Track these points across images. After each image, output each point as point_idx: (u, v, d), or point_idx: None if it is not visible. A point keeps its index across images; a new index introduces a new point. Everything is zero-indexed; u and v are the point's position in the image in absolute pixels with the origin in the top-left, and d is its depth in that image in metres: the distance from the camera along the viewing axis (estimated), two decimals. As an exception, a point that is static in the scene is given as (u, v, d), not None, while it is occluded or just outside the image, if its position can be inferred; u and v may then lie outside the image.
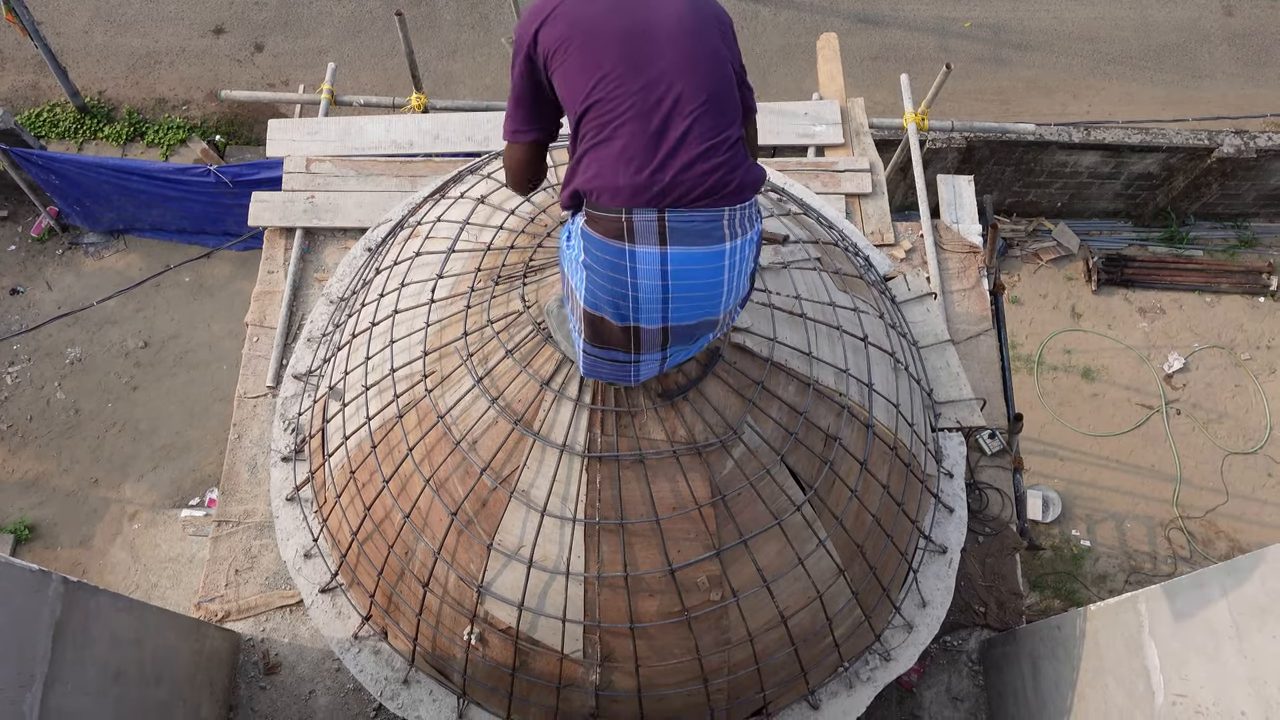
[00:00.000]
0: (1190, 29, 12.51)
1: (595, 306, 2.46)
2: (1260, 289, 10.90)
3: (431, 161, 6.12)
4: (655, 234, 2.29)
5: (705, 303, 2.46)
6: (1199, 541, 9.53)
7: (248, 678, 4.87)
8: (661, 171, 2.25)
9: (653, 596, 3.29)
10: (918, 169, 6.48)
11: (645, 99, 2.27)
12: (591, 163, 2.31)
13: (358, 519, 3.70)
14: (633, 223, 2.28)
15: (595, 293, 2.42)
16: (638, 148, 2.26)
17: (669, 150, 2.26)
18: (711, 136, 2.29)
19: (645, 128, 2.26)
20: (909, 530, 3.89)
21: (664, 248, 2.30)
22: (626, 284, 2.36)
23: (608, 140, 2.28)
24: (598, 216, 2.32)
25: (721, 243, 2.35)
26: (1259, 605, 3.02)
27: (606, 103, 2.28)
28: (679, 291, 2.39)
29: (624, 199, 2.27)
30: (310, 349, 4.47)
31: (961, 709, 4.95)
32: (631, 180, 2.26)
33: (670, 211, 2.27)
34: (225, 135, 11.34)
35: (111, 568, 8.93)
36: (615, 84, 2.27)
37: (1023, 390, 10.14)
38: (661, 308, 2.41)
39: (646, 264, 2.32)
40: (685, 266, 2.34)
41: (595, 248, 2.35)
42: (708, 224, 2.31)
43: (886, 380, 3.79)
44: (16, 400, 9.77)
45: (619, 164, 2.26)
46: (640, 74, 2.28)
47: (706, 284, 2.40)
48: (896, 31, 12.30)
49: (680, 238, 2.30)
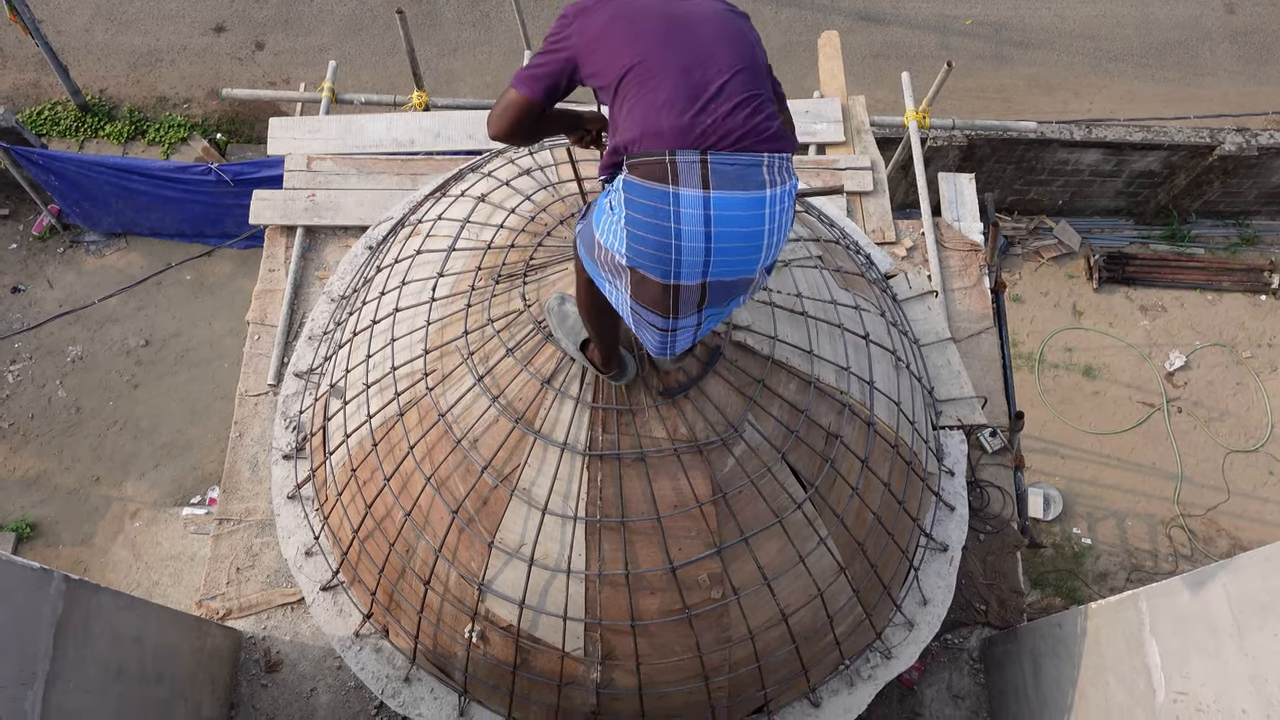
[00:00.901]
0: (1192, 26, 12.49)
1: (637, 263, 2.46)
2: (1262, 287, 10.88)
3: (432, 159, 6.12)
4: (698, 176, 2.33)
5: (745, 254, 2.46)
6: (1200, 539, 9.53)
7: (249, 675, 4.87)
8: (703, 115, 2.33)
9: (654, 594, 3.29)
10: (919, 167, 6.47)
11: (685, 55, 2.39)
12: (633, 113, 2.38)
13: (359, 517, 3.71)
14: (676, 164, 2.32)
15: (637, 248, 2.43)
16: (680, 95, 2.34)
17: (709, 97, 2.34)
18: (750, 88, 2.40)
19: (685, 80, 2.36)
20: (910, 528, 3.89)
21: (707, 191, 2.33)
22: (670, 231, 2.37)
23: (650, 95, 2.36)
24: (640, 162, 2.36)
25: (762, 189, 2.38)
26: (1260, 603, 3.01)
27: (647, 63, 2.38)
28: (721, 240, 2.40)
29: (667, 141, 2.32)
30: (311, 347, 4.48)
31: (963, 707, 4.95)
32: (674, 123, 2.32)
33: (712, 154, 2.32)
34: (226, 133, 11.34)
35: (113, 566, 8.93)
36: (656, 47, 2.40)
37: (1024, 388, 10.14)
38: (703, 258, 2.41)
39: (690, 207, 2.34)
40: (727, 212, 2.37)
41: (639, 195, 2.38)
42: (748, 168, 2.36)
43: (888, 378, 3.79)
44: (18, 398, 9.77)
45: (661, 110, 2.34)
46: (679, 45, 2.41)
47: (747, 233, 2.42)
48: (898, 29, 12.28)
49: (722, 181, 2.34)
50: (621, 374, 3.11)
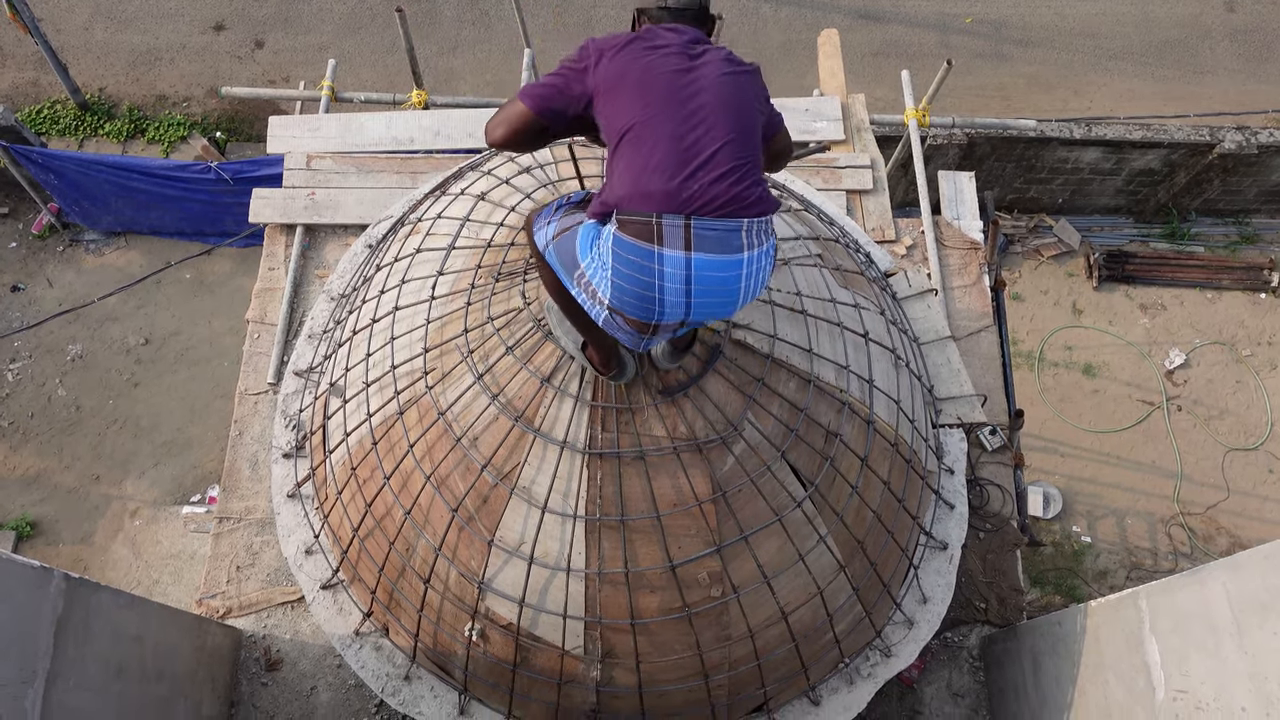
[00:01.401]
0: (1192, 24, 12.49)
1: (620, 305, 2.64)
2: (1261, 285, 10.88)
3: (432, 158, 6.12)
4: (681, 239, 2.49)
5: (723, 304, 2.65)
6: (1200, 538, 9.53)
7: (249, 674, 4.88)
8: (690, 181, 2.48)
9: (653, 593, 3.30)
10: (919, 165, 6.47)
11: (681, 124, 2.53)
12: (626, 171, 2.53)
13: (359, 515, 3.71)
14: (662, 226, 2.48)
15: (622, 296, 2.61)
16: (670, 161, 2.49)
17: (698, 165, 2.49)
18: (738, 158, 2.54)
19: (678, 146, 2.50)
20: (910, 526, 3.89)
21: (689, 253, 2.50)
22: (654, 285, 2.54)
23: (644, 154, 2.52)
24: (629, 221, 2.51)
25: (740, 252, 2.55)
26: (1260, 602, 3.02)
27: (646, 125, 2.53)
28: (700, 295, 2.57)
29: (655, 203, 2.48)
30: (311, 345, 4.48)
31: (962, 705, 4.96)
32: (663, 187, 2.48)
33: (696, 219, 2.48)
34: (226, 132, 11.33)
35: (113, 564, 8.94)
36: (658, 112, 2.54)
37: (1024, 386, 10.14)
38: (684, 305, 2.59)
39: (672, 267, 2.52)
40: (707, 272, 2.54)
41: (626, 251, 2.53)
42: (729, 233, 2.52)
43: (887, 376, 3.79)
44: (18, 397, 9.77)
45: (653, 174, 2.49)
46: (681, 107, 2.55)
47: (725, 289, 2.59)
48: (897, 27, 12.28)
49: (703, 244, 2.51)
50: (621, 374, 3.12)
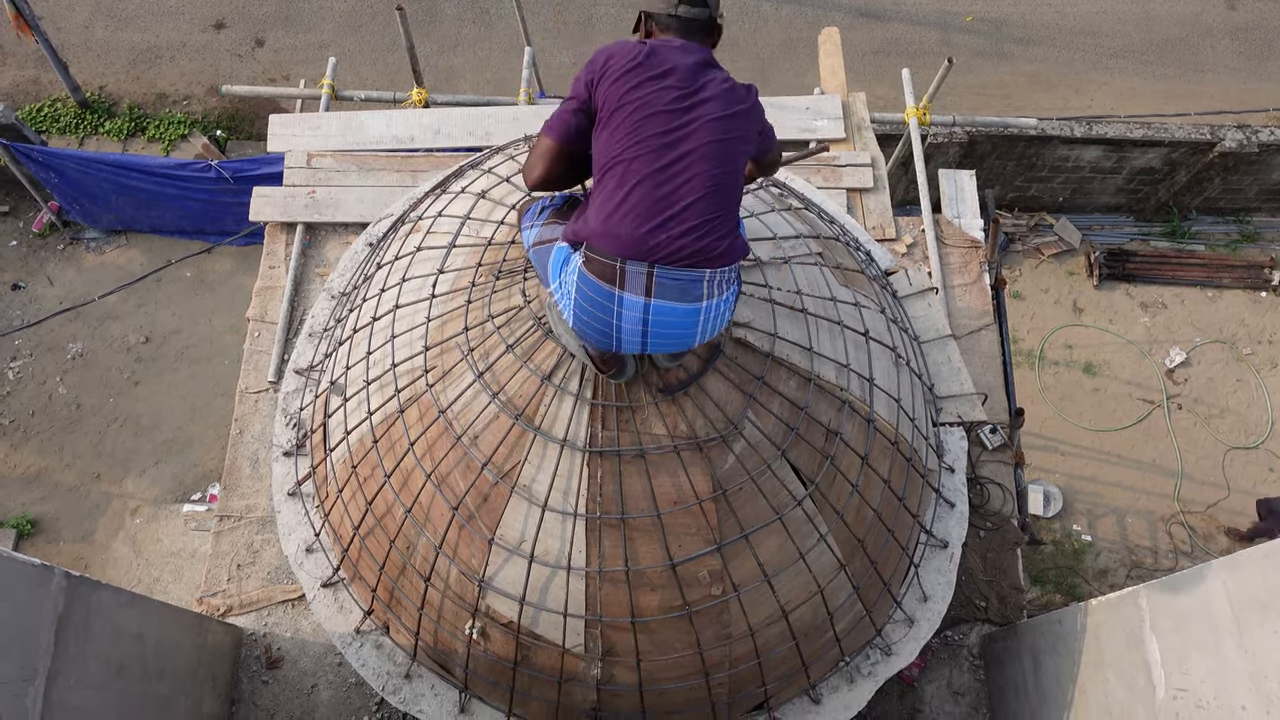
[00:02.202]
0: (1193, 23, 12.48)
1: (581, 333, 2.76)
2: (1262, 284, 10.88)
3: (432, 156, 6.12)
4: (643, 286, 2.55)
5: (680, 341, 2.75)
6: (1200, 536, 9.53)
7: (250, 672, 4.88)
8: (659, 231, 2.51)
9: (654, 591, 3.30)
10: (919, 164, 6.47)
11: (663, 171, 2.54)
12: (601, 208, 2.56)
13: (359, 514, 3.71)
14: (625, 271, 2.55)
15: (581, 322, 2.70)
16: (644, 207, 2.52)
17: (670, 215, 2.52)
18: (711, 213, 2.56)
19: (655, 192, 2.53)
20: (910, 525, 3.89)
21: (648, 299, 2.57)
22: (611, 323, 2.64)
23: (621, 194, 2.54)
24: (594, 259, 2.57)
25: (699, 301, 2.62)
26: (1260, 600, 3.02)
27: (630, 164, 2.55)
28: (656, 335, 2.66)
29: (620, 248, 2.52)
30: (312, 344, 4.47)
31: (962, 703, 4.96)
32: (632, 232, 2.51)
33: (659, 268, 2.53)
34: (226, 130, 11.33)
35: (113, 562, 8.94)
36: (643, 150, 2.55)
37: (1024, 385, 10.14)
38: (640, 340, 2.68)
39: (631, 310, 2.60)
40: (664, 318, 2.62)
41: (588, 288, 2.61)
42: (690, 283, 2.58)
43: (888, 375, 3.79)
44: (18, 395, 9.78)
45: (624, 216, 2.52)
46: (668, 151, 2.56)
47: (681, 332, 2.69)
48: (898, 26, 12.27)
49: (664, 292, 2.58)
50: (621, 372, 3.11)
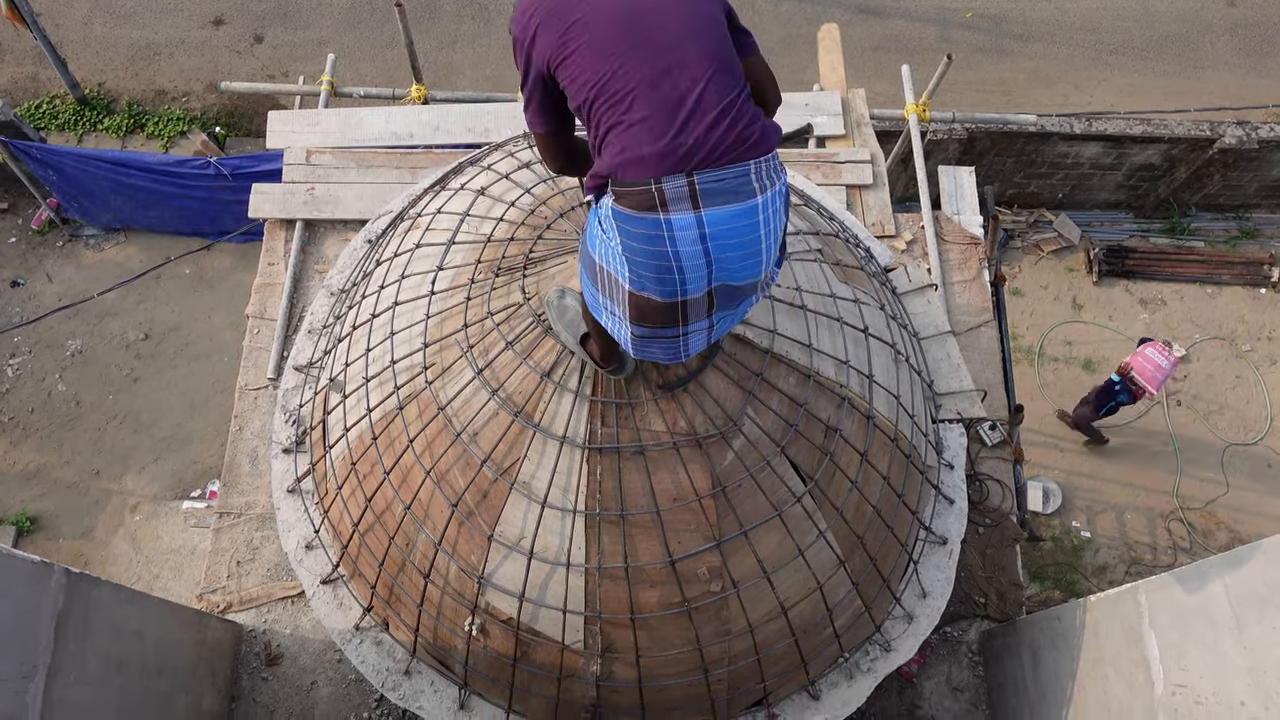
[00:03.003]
0: (1192, 19, 12.46)
1: (641, 287, 2.44)
2: (1261, 280, 10.88)
3: (432, 153, 6.11)
4: (687, 198, 2.27)
5: (747, 260, 2.43)
6: (1199, 533, 9.54)
7: (250, 668, 4.88)
8: (684, 134, 2.24)
9: (653, 587, 3.30)
10: (919, 160, 6.46)
11: (654, 70, 2.27)
12: (613, 142, 2.30)
13: (359, 510, 3.71)
14: (663, 191, 2.26)
15: (640, 273, 2.41)
16: (656, 117, 2.25)
17: (688, 114, 2.25)
18: (727, 93, 2.29)
19: (659, 97, 2.26)
20: (909, 521, 3.90)
21: (698, 210, 2.28)
22: (668, 254, 2.34)
23: (624, 116, 2.28)
24: (626, 191, 2.30)
25: (753, 197, 2.33)
26: (1258, 596, 3.02)
27: (615, 80, 2.28)
28: (720, 253, 2.37)
29: (650, 169, 2.25)
30: (311, 341, 4.47)
31: (962, 699, 4.96)
32: (655, 148, 2.24)
33: (699, 173, 2.26)
34: (225, 127, 11.31)
35: (113, 559, 8.94)
36: (621, 63, 2.28)
37: (1023, 381, 10.13)
38: (706, 271, 2.39)
39: (684, 229, 2.30)
40: (722, 227, 2.33)
41: (630, 224, 2.33)
42: (737, 179, 2.30)
43: (887, 372, 3.79)
44: (18, 392, 9.77)
45: (640, 136, 2.26)
46: (644, 49, 2.28)
47: (745, 241, 2.38)
48: (898, 22, 12.25)
49: (712, 198, 2.28)
50: (621, 369, 3.11)
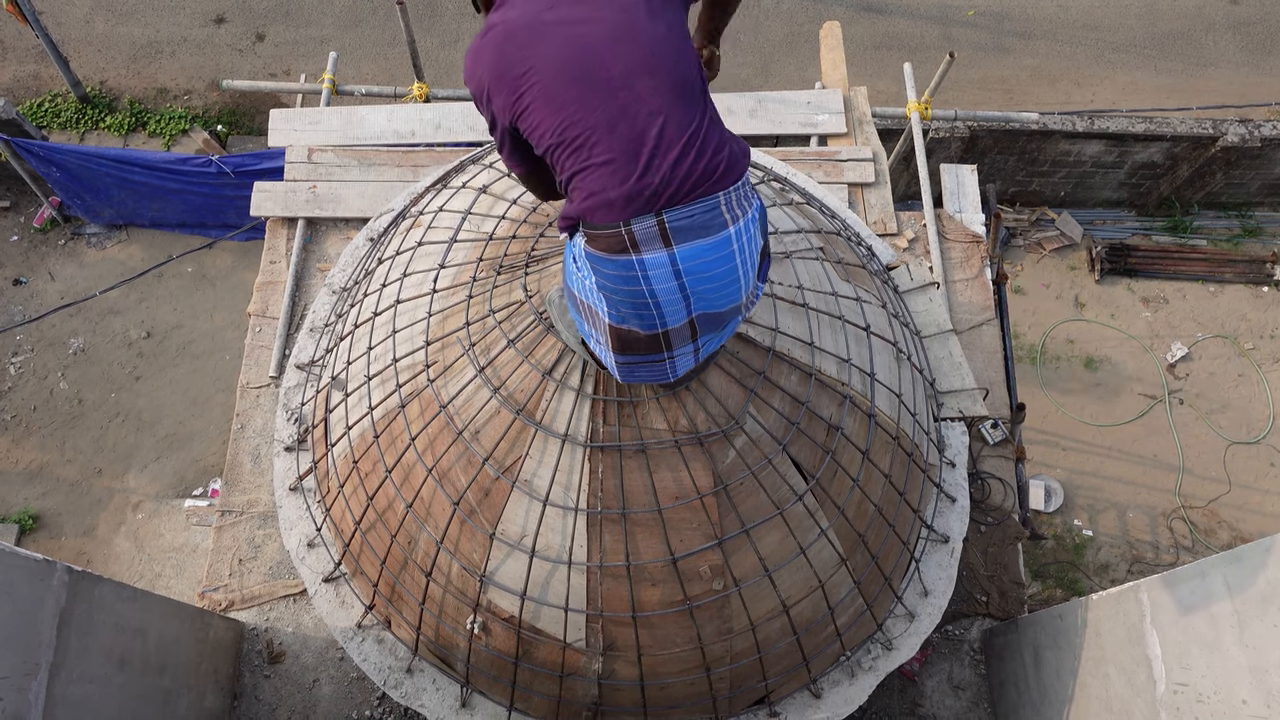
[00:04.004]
0: (1195, 16, 12.44)
1: (621, 321, 2.46)
2: (1264, 278, 10.87)
3: (433, 151, 6.11)
4: (658, 237, 2.27)
5: (725, 290, 2.45)
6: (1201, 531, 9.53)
7: (252, 666, 4.89)
8: (649, 175, 2.23)
9: (655, 586, 3.30)
10: (921, 158, 6.46)
11: (609, 112, 2.24)
12: (579, 187, 2.30)
13: (361, 509, 3.71)
14: (633, 233, 2.27)
15: (619, 308, 2.42)
16: (620, 160, 2.24)
17: (650, 153, 2.23)
18: (689, 124, 2.26)
19: (619, 139, 2.24)
20: (911, 520, 3.90)
21: (670, 249, 2.29)
22: (644, 292, 2.35)
23: (587, 161, 2.26)
24: (597, 235, 2.31)
25: (725, 229, 2.33)
26: (1261, 594, 3.02)
27: (574, 127, 2.26)
28: (696, 286, 2.38)
29: (618, 212, 2.25)
30: (313, 339, 4.48)
31: (963, 698, 4.96)
32: (621, 191, 2.24)
33: (668, 211, 2.26)
34: (227, 125, 11.32)
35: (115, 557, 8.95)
36: (575, 109, 2.26)
37: (1025, 380, 10.13)
38: (684, 304, 2.41)
39: (657, 268, 2.31)
40: (696, 262, 2.33)
41: (603, 265, 2.34)
42: (708, 214, 2.29)
43: (889, 370, 3.79)
44: (20, 390, 9.78)
45: (605, 179, 2.25)
46: (596, 91, 2.25)
47: (721, 272, 2.39)
48: (899, 20, 12.24)
49: (683, 235, 2.29)
50: (622, 367, 3.11)
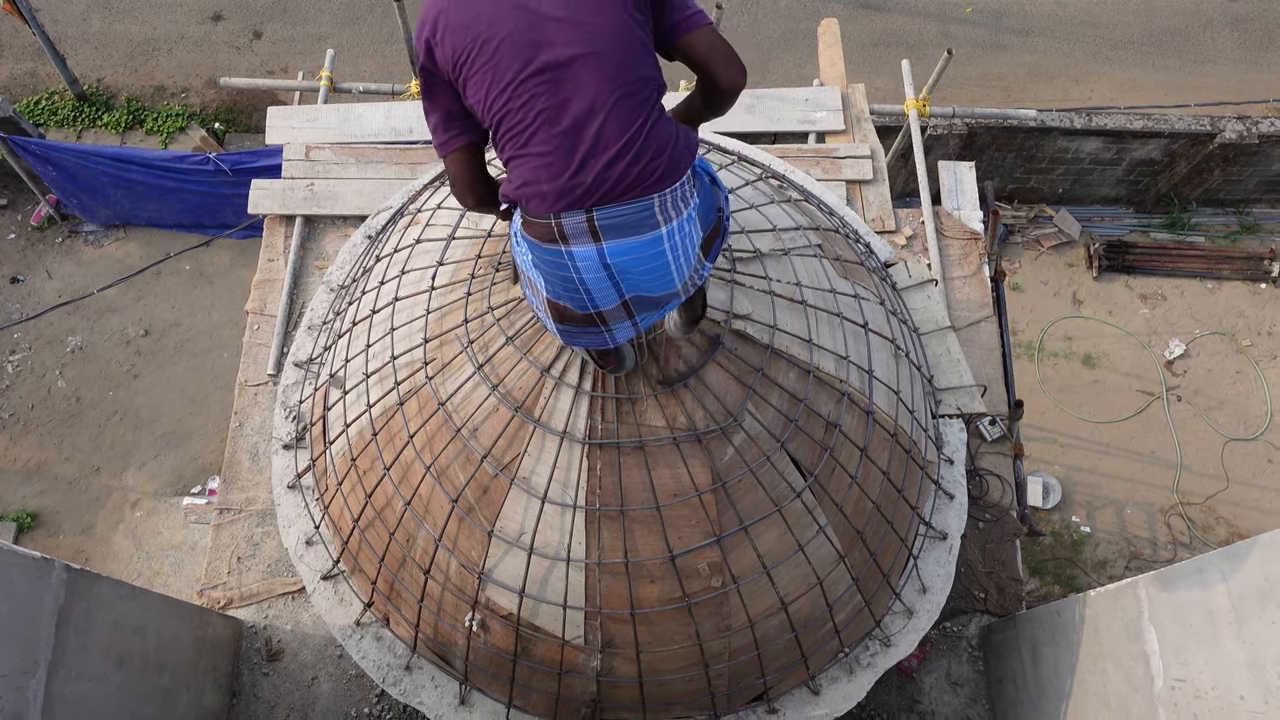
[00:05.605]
0: (1193, 13, 12.45)
1: (557, 297, 2.50)
2: (1262, 275, 10.88)
3: (431, 149, 6.10)
4: (586, 233, 2.28)
5: (657, 280, 2.45)
6: (1199, 527, 9.55)
7: (251, 664, 4.89)
8: (582, 172, 2.22)
9: (653, 583, 3.30)
10: (919, 155, 6.46)
11: (551, 100, 2.21)
12: (515, 171, 2.30)
13: (359, 506, 3.71)
14: (562, 225, 2.28)
15: (553, 286, 2.46)
16: (555, 154, 2.22)
17: (587, 149, 2.21)
18: (630, 124, 2.22)
19: (558, 131, 2.21)
20: (909, 516, 3.90)
21: (599, 244, 2.30)
22: (574, 279, 2.39)
23: (524, 148, 2.25)
24: (530, 221, 2.33)
25: (657, 229, 2.32)
26: (1258, 590, 3.02)
27: (515, 113, 2.24)
28: (626, 277, 2.40)
29: (549, 204, 2.26)
30: (311, 337, 4.47)
31: (961, 694, 4.97)
32: (554, 185, 2.23)
33: (598, 210, 2.25)
34: (224, 123, 11.31)
35: (114, 555, 8.95)
36: (516, 90, 2.22)
37: (1023, 377, 10.14)
38: (614, 289, 2.43)
39: (585, 260, 2.34)
40: (625, 257, 2.34)
41: (535, 250, 2.38)
42: (638, 214, 2.28)
43: (887, 367, 3.79)
44: (18, 389, 9.77)
45: (540, 171, 2.24)
46: (541, 74, 2.20)
47: (652, 267, 2.40)
48: (897, 17, 12.24)
49: (613, 232, 2.29)
50: (619, 366, 3.11)
